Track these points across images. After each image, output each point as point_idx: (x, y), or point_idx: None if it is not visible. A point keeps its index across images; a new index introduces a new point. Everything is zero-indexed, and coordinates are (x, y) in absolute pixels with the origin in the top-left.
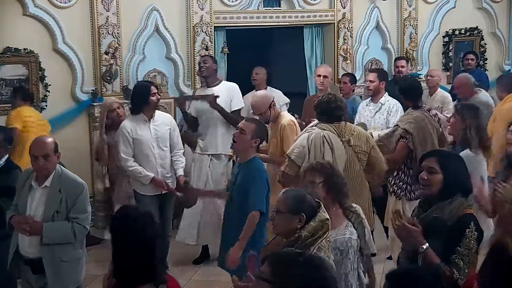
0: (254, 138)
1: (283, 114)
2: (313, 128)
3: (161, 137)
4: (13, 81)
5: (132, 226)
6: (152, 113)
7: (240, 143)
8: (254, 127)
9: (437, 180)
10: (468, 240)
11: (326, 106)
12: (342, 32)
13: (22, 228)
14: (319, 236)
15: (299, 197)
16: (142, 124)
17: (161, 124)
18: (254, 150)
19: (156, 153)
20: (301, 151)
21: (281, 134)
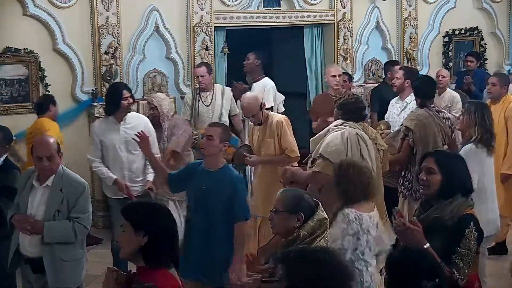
0: (222, 142)
1: (273, 113)
2: (338, 127)
3: (130, 141)
4: (13, 81)
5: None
6: (122, 115)
7: (210, 149)
8: (220, 131)
9: (436, 181)
10: (468, 240)
11: (354, 106)
12: (342, 32)
13: (23, 227)
14: (318, 236)
15: (297, 196)
16: (111, 126)
17: (133, 128)
18: (222, 155)
19: (123, 156)
20: (336, 149)
21: (279, 131)
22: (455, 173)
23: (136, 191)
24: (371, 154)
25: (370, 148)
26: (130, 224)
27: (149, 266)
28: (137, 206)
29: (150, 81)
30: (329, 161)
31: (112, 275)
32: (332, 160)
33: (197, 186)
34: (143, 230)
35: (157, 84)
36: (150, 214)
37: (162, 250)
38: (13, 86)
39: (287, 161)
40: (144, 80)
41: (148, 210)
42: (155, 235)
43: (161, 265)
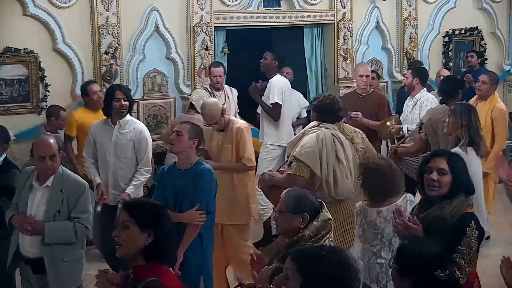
0: (192, 139)
1: (235, 119)
2: (313, 128)
3: (119, 146)
4: (13, 81)
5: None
6: (117, 118)
7: (178, 145)
8: (189, 127)
9: (447, 181)
10: (469, 239)
11: (329, 107)
12: (342, 32)
13: (23, 228)
14: (322, 236)
15: (301, 197)
16: (106, 129)
17: (126, 134)
18: (194, 152)
19: (110, 161)
20: (311, 151)
21: (238, 138)
22: (462, 174)
23: (115, 199)
24: (348, 155)
25: (347, 148)
26: (136, 223)
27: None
28: (143, 204)
29: (150, 81)
30: (303, 163)
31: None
32: (306, 163)
33: (172, 186)
34: (150, 229)
35: (157, 84)
36: (156, 214)
37: (165, 249)
38: (13, 86)
39: (243, 169)
40: (144, 80)
41: (155, 209)
42: (160, 235)
43: (162, 263)
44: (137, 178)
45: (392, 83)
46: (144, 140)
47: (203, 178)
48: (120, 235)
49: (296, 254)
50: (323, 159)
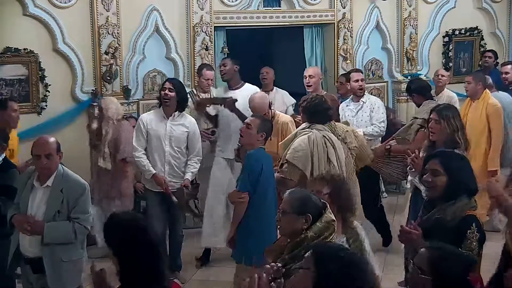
0: (260, 132)
1: (280, 113)
2: (304, 130)
3: (175, 137)
4: (13, 81)
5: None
6: (168, 110)
7: (246, 137)
8: (259, 122)
9: (441, 182)
10: (470, 242)
11: (318, 107)
12: (342, 32)
13: (22, 227)
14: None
15: (304, 197)
16: (159, 119)
17: (179, 125)
18: (261, 144)
19: (166, 151)
20: (302, 154)
21: (284, 131)
22: (459, 174)
23: (173, 186)
24: (340, 156)
25: (339, 149)
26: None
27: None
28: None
29: (150, 81)
30: (295, 166)
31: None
32: (298, 166)
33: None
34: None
35: (157, 84)
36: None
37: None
38: (13, 86)
39: None
40: (144, 80)
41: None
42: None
43: None
44: (194, 166)
45: (392, 83)
46: (197, 132)
47: (248, 161)
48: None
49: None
50: (314, 161)
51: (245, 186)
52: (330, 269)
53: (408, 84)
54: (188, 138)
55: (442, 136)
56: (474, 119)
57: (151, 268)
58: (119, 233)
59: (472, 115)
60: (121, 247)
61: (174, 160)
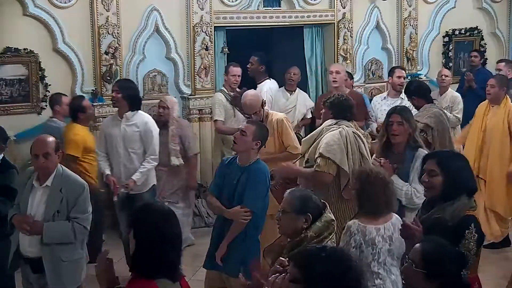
0: (255, 140)
1: (272, 112)
2: (332, 126)
3: (127, 138)
4: (13, 81)
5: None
6: (120, 111)
7: (240, 144)
8: (254, 129)
9: (438, 183)
10: (467, 242)
11: (347, 104)
12: (342, 32)
13: (22, 227)
14: (325, 237)
15: (304, 197)
16: (115, 122)
17: (132, 125)
18: (256, 152)
19: (121, 153)
20: (336, 148)
21: (279, 129)
22: (457, 174)
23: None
24: (368, 151)
25: (366, 146)
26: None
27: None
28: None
29: (150, 81)
30: (330, 160)
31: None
32: (333, 159)
33: (230, 180)
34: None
35: (157, 84)
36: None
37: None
38: (13, 86)
39: (290, 158)
40: (144, 80)
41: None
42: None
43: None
44: (144, 165)
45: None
46: (149, 131)
47: (256, 178)
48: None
49: (297, 257)
50: (349, 155)
51: (254, 205)
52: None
53: (407, 85)
54: (141, 137)
55: (405, 137)
56: (495, 124)
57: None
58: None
59: (492, 121)
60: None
61: (129, 162)
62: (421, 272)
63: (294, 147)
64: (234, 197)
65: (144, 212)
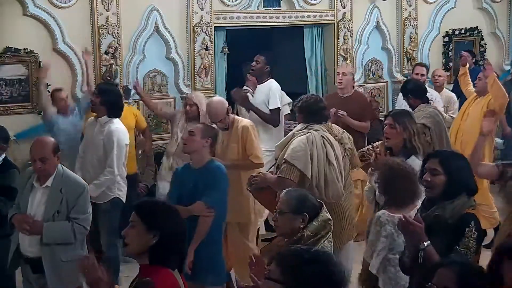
0: (204, 138)
1: (239, 118)
2: (302, 131)
3: (94, 145)
4: (13, 81)
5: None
6: (99, 115)
7: (190, 145)
8: (201, 127)
9: (440, 182)
10: (467, 240)
11: (314, 107)
12: (342, 32)
13: (22, 227)
14: (322, 236)
15: (301, 197)
16: (93, 125)
17: (101, 133)
18: (207, 151)
19: (88, 158)
20: (301, 154)
21: (244, 136)
22: (458, 174)
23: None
24: (338, 156)
25: (337, 150)
26: (143, 222)
27: (152, 264)
28: (152, 204)
29: (150, 81)
30: (294, 166)
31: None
32: (297, 166)
33: (186, 185)
34: (155, 229)
35: (157, 84)
36: (164, 214)
37: (170, 251)
38: (13, 86)
39: (251, 167)
40: (144, 80)
41: (162, 210)
42: (165, 236)
43: (165, 265)
44: (99, 178)
45: (392, 83)
46: (111, 141)
47: (214, 176)
48: (128, 234)
49: (279, 257)
50: (314, 162)
51: (215, 201)
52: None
53: (403, 84)
54: (103, 146)
55: (399, 141)
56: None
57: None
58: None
59: (474, 109)
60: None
61: (92, 169)
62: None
63: (256, 156)
64: (193, 201)
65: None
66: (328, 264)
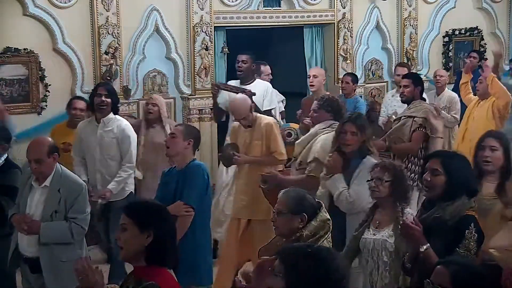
0: (186, 139)
1: (262, 116)
2: (326, 129)
3: (104, 144)
4: (13, 81)
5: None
6: (100, 116)
7: (173, 147)
8: (183, 129)
9: (440, 182)
10: (468, 241)
11: (339, 106)
12: (342, 32)
13: (20, 227)
14: (321, 236)
15: (299, 197)
16: (91, 127)
17: (109, 131)
18: (190, 152)
19: (97, 159)
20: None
21: (268, 133)
22: (459, 174)
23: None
24: None
25: None
26: (135, 223)
27: (149, 265)
28: (142, 205)
29: (150, 81)
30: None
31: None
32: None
33: (170, 187)
34: (149, 229)
35: (157, 84)
36: (155, 214)
37: (165, 249)
38: (13, 86)
39: (275, 163)
40: (144, 80)
41: (152, 208)
42: (159, 234)
43: (162, 265)
44: (120, 174)
45: (392, 83)
46: (126, 137)
47: (192, 174)
48: (120, 237)
49: (283, 252)
50: None
51: (193, 200)
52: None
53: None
54: (118, 144)
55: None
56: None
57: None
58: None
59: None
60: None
61: (105, 169)
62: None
63: (280, 153)
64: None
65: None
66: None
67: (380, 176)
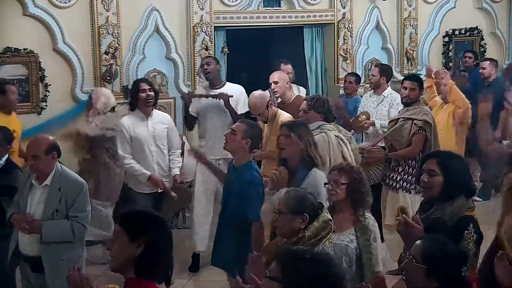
0: (245, 139)
1: (281, 112)
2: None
3: (158, 135)
4: (13, 81)
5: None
6: (148, 110)
7: (230, 143)
8: (244, 128)
9: (438, 182)
10: (467, 242)
11: (328, 107)
12: (342, 32)
13: (21, 226)
14: (323, 237)
15: (301, 197)
16: (139, 122)
17: (159, 123)
18: (247, 152)
19: (153, 151)
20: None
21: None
22: (457, 175)
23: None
24: (351, 155)
25: (349, 148)
26: (126, 232)
27: (139, 277)
28: (134, 213)
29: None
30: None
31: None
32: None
33: (228, 179)
34: (140, 239)
35: (157, 84)
36: (147, 223)
37: (156, 261)
38: None
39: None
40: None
41: (145, 219)
42: (150, 246)
43: (152, 278)
44: (177, 160)
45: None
46: (174, 126)
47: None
48: (112, 247)
49: (281, 255)
50: (331, 161)
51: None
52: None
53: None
54: (168, 133)
55: (295, 152)
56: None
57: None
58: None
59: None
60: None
61: (161, 159)
62: (422, 267)
63: None
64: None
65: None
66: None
67: (337, 179)
